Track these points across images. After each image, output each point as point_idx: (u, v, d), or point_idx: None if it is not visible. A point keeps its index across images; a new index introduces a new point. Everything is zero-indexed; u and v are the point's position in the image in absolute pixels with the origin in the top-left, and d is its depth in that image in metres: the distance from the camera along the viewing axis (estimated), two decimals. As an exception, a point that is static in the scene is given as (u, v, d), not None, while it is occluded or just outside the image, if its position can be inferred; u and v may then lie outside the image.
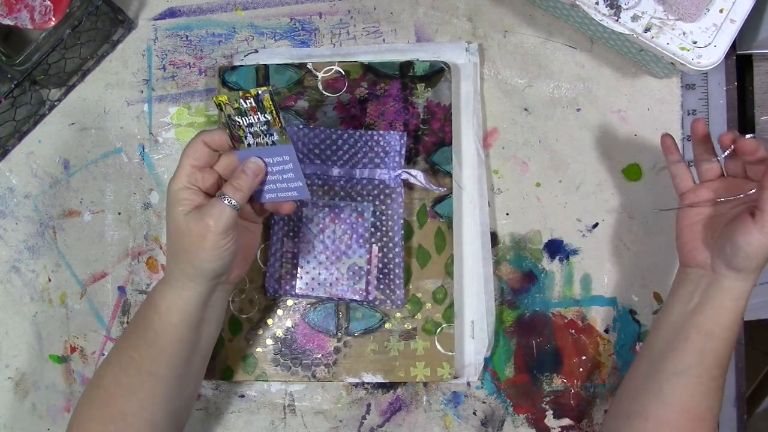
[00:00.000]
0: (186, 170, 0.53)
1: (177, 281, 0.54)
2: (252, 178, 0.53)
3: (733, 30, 0.59)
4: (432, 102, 0.68)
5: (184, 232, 0.52)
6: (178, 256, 0.53)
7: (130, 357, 0.55)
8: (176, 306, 0.54)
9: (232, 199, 0.52)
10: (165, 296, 0.54)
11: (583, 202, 0.70)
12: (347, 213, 0.66)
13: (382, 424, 0.69)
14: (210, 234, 0.51)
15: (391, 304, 0.66)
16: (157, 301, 0.55)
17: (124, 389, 0.55)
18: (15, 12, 0.62)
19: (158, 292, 0.55)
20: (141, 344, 0.55)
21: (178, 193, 0.53)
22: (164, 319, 0.54)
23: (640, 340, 0.69)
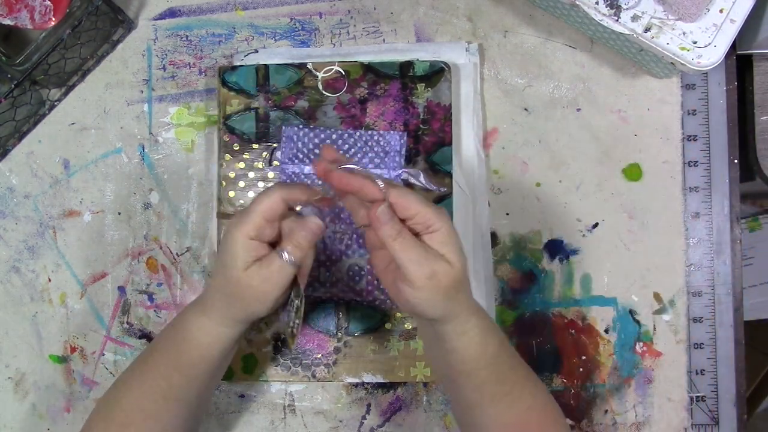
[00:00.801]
0: (257, 223, 0.50)
1: (223, 320, 0.53)
2: (312, 237, 0.52)
3: (733, 30, 0.59)
4: (432, 102, 0.68)
5: (244, 285, 0.51)
6: (232, 302, 0.52)
7: (158, 385, 0.54)
8: (218, 341, 0.54)
9: (292, 256, 0.50)
10: (207, 332, 0.54)
11: (583, 202, 0.70)
12: (347, 213, 0.65)
13: (382, 424, 0.69)
14: (270, 291, 0.51)
15: (391, 304, 0.66)
16: (196, 335, 0.54)
17: (148, 416, 0.54)
18: (15, 12, 0.62)
19: (197, 326, 0.54)
20: (173, 374, 0.54)
21: (244, 243, 0.50)
22: (204, 354, 0.54)
23: (640, 340, 0.69)
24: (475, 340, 0.52)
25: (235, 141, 0.68)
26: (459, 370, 0.53)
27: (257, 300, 0.51)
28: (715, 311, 0.69)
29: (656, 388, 0.69)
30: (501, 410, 0.54)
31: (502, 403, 0.54)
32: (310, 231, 0.52)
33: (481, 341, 0.52)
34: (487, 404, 0.54)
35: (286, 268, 0.51)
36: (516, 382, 0.54)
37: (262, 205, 0.51)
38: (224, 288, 0.52)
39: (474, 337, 0.52)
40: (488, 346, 0.53)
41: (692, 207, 0.69)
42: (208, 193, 0.70)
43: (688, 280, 0.69)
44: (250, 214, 0.50)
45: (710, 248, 0.69)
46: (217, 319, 0.53)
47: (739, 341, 0.69)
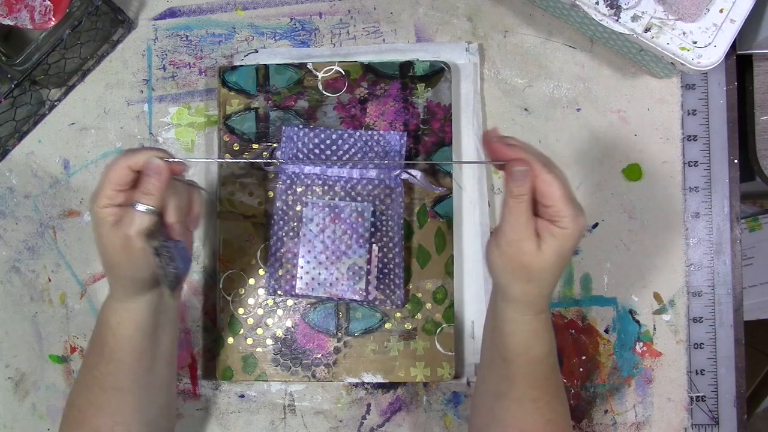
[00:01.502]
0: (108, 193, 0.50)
1: (120, 295, 0.54)
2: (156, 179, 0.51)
3: (733, 30, 0.59)
4: (432, 102, 0.68)
5: (108, 247, 0.51)
6: (112, 271, 0.53)
7: (92, 376, 0.55)
8: (126, 318, 0.54)
9: (145, 204, 0.50)
10: (114, 311, 0.54)
11: (583, 202, 0.69)
12: (347, 213, 0.66)
13: (382, 424, 0.69)
14: (132, 245, 0.50)
15: (391, 304, 0.66)
16: (107, 317, 0.55)
17: (94, 407, 0.55)
18: (15, 12, 0.62)
19: (107, 308, 0.55)
20: (100, 361, 0.55)
21: (98, 212, 0.51)
22: (117, 333, 0.54)
23: (640, 340, 0.69)
24: (526, 335, 0.53)
25: (235, 141, 0.68)
26: (501, 354, 0.54)
27: (126, 259, 0.51)
28: (715, 311, 0.69)
29: (656, 388, 0.69)
30: (523, 413, 0.54)
31: (526, 408, 0.54)
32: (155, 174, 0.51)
33: (531, 339, 0.53)
34: (512, 401, 0.54)
35: (141, 218, 0.50)
36: (546, 392, 0.54)
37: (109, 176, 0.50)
38: (104, 262, 0.53)
39: (526, 332, 0.52)
40: (535, 348, 0.53)
41: (692, 207, 0.69)
42: (208, 193, 0.70)
43: (688, 280, 0.69)
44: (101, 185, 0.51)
45: (710, 248, 0.69)
46: (116, 296, 0.54)
47: (739, 341, 0.69)
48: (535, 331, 0.53)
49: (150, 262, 0.52)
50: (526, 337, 0.52)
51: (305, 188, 0.67)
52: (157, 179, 0.51)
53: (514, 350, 0.53)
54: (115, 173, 0.50)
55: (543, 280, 0.51)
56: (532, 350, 0.53)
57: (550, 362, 0.55)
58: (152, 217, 0.50)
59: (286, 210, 0.66)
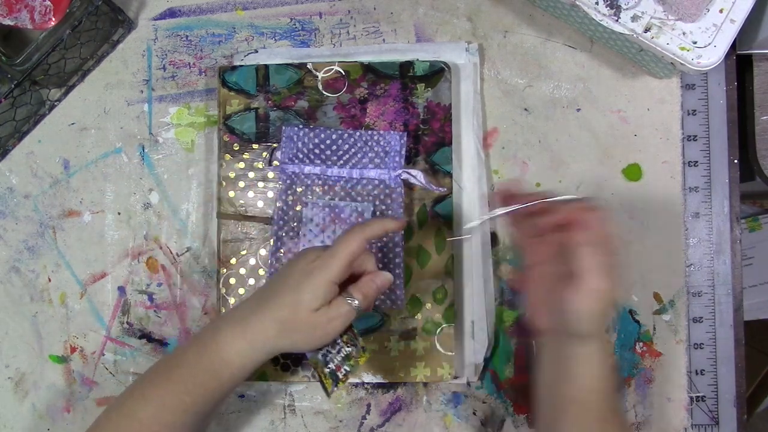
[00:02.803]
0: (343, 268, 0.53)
1: (266, 348, 0.54)
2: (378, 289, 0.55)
3: (733, 30, 0.59)
4: (432, 102, 0.68)
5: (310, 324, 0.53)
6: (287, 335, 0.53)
7: (181, 401, 0.54)
8: (251, 365, 0.55)
9: (358, 303, 0.53)
10: (244, 355, 0.54)
11: (583, 202, 0.69)
12: (347, 213, 0.65)
13: (382, 424, 0.69)
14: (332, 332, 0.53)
15: (391, 305, 0.66)
16: (231, 357, 0.54)
17: (164, 426, 0.54)
18: (15, 12, 0.62)
19: (234, 349, 0.54)
20: (199, 391, 0.54)
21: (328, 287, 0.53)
22: (235, 375, 0.55)
23: (640, 340, 0.69)
24: (598, 370, 0.53)
25: (235, 141, 0.68)
26: (572, 396, 0.53)
27: (316, 338, 0.54)
28: (715, 311, 0.69)
29: (656, 388, 0.69)
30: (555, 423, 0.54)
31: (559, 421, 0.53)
32: (380, 284, 0.55)
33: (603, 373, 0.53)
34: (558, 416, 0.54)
35: (351, 313, 0.53)
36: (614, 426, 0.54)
37: (348, 250, 0.53)
38: (288, 322, 0.53)
39: (598, 366, 0.53)
40: (606, 381, 0.53)
41: (692, 207, 0.69)
42: (208, 193, 0.70)
43: (688, 280, 0.69)
44: (336, 258, 0.53)
45: (710, 248, 0.69)
46: (259, 346, 0.54)
47: (739, 341, 0.69)
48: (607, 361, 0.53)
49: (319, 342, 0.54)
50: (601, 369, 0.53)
51: (305, 188, 0.67)
52: (380, 289, 0.55)
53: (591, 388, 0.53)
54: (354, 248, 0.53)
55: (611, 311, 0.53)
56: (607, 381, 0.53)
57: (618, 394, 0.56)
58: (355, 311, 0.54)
59: (286, 210, 0.66)
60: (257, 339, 0.54)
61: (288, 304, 0.53)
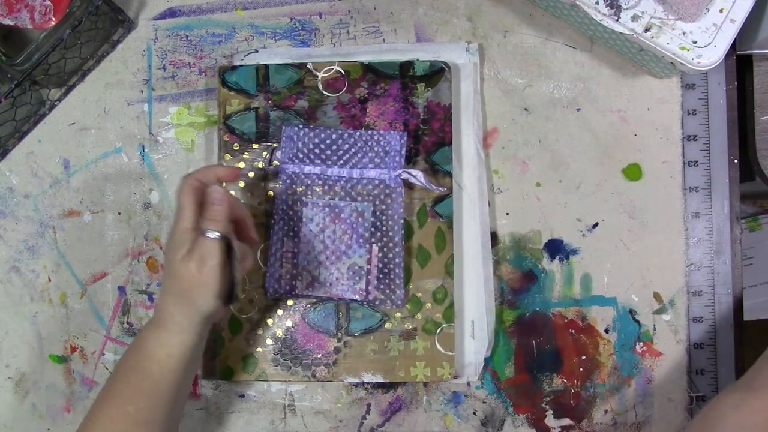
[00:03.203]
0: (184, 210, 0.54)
1: (176, 326, 0.54)
2: (220, 205, 0.54)
3: (733, 30, 0.59)
4: (432, 102, 0.68)
5: (185, 275, 0.53)
6: (181, 300, 0.54)
7: (125, 412, 0.54)
8: (177, 351, 0.54)
9: (213, 231, 0.53)
10: (163, 343, 0.54)
11: (583, 202, 0.70)
12: (347, 213, 0.65)
13: (382, 424, 0.69)
14: (208, 272, 0.52)
15: (391, 305, 0.66)
16: (153, 350, 0.54)
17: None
18: (15, 12, 0.62)
19: (155, 341, 0.55)
20: (137, 396, 0.54)
21: (184, 234, 0.53)
22: (164, 367, 0.54)
23: (640, 340, 0.69)
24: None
25: (235, 141, 0.68)
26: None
27: (207, 285, 0.53)
28: (715, 311, 0.69)
29: (656, 388, 0.69)
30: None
31: None
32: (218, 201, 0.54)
33: None
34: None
35: (213, 245, 0.53)
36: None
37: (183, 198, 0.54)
38: (173, 287, 0.54)
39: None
40: None
41: (692, 207, 0.69)
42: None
43: (688, 280, 0.69)
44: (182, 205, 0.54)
45: (710, 248, 0.69)
46: (173, 328, 0.54)
47: (739, 341, 0.69)
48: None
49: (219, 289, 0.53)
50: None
51: (305, 188, 0.67)
52: (221, 205, 0.54)
53: None
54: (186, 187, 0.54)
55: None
56: None
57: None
58: (223, 242, 0.53)
59: (286, 210, 0.66)
60: (164, 320, 0.54)
61: (167, 275, 0.54)
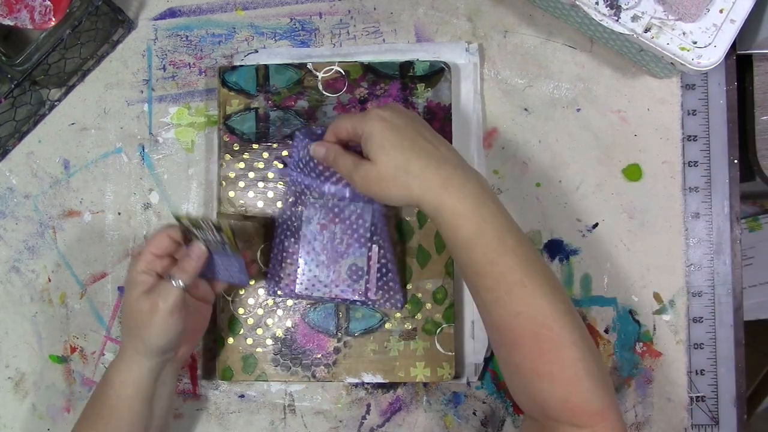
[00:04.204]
0: (147, 257, 0.57)
1: (129, 357, 0.58)
2: (196, 262, 0.58)
3: (733, 30, 0.59)
4: (432, 102, 0.68)
5: (136, 311, 0.56)
6: (131, 332, 0.57)
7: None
8: (129, 379, 0.57)
9: (179, 279, 0.56)
10: (119, 371, 0.58)
11: (583, 202, 0.70)
12: (347, 213, 0.65)
13: (382, 424, 0.69)
14: (158, 312, 0.55)
15: (391, 306, 0.66)
16: (111, 377, 0.58)
17: None
18: (15, 12, 0.62)
19: (113, 368, 0.59)
20: (98, 421, 0.58)
21: (136, 276, 0.57)
22: (119, 393, 0.57)
23: (640, 340, 0.69)
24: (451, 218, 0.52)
25: (235, 141, 0.68)
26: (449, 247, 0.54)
27: (150, 325, 0.56)
28: (715, 311, 0.69)
29: (656, 388, 0.69)
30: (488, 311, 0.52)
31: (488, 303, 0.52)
32: (194, 255, 0.58)
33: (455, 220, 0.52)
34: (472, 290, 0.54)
35: (173, 291, 0.56)
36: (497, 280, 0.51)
37: (151, 241, 0.58)
38: (126, 322, 0.58)
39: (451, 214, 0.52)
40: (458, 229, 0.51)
41: (692, 207, 0.69)
42: (208, 193, 0.70)
43: (688, 280, 0.69)
44: (143, 251, 0.58)
45: (710, 248, 0.69)
46: (125, 357, 0.58)
47: (739, 341, 0.69)
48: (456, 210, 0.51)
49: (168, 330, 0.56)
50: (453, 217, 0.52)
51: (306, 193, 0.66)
52: (196, 261, 0.58)
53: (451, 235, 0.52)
54: (158, 241, 0.58)
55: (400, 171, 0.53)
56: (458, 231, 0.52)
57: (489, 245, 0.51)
58: (183, 292, 0.57)
59: (285, 210, 0.66)
60: (122, 349, 0.59)
61: (123, 310, 0.58)
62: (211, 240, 0.58)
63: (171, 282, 0.56)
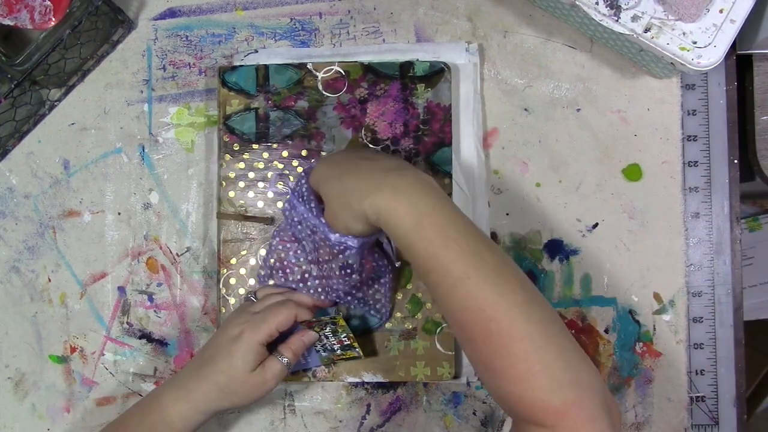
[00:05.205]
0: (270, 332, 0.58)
1: (206, 408, 0.58)
2: (305, 345, 0.61)
3: (733, 30, 0.59)
4: (432, 102, 0.68)
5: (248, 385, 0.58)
6: (226, 397, 0.58)
7: None
8: (193, 426, 0.59)
9: (286, 358, 0.59)
10: (186, 417, 0.58)
11: (583, 202, 0.70)
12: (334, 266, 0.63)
13: (382, 424, 0.69)
14: (264, 388, 0.58)
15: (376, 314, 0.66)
16: (174, 420, 0.58)
17: None
18: (15, 12, 0.62)
19: (177, 413, 0.58)
20: None
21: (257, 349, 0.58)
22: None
23: (640, 340, 0.69)
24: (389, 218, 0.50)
25: (235, 141, 0.68)
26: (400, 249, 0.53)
27: (253, 398, 0.59)
28: (715, 311, 0.69)
29: (656, 388, 0.69)
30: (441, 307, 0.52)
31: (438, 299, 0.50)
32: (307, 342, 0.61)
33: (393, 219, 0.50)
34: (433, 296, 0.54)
35: (284, 371, 0.59)
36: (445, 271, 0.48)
37: (279, 320, 0.58)
38: (226, 387, 0.58)
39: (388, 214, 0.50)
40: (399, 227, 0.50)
41: (692, 207, 0.69)
42: (208, 193, 0.70)
43: (688, 280, 0.69)
44: (266, 324, 0.58)
45: (710, 248, 0.69)
46: (201, 409, 0.58)
47: (739, 341, 0.69)
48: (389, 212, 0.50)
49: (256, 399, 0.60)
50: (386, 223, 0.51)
51: None
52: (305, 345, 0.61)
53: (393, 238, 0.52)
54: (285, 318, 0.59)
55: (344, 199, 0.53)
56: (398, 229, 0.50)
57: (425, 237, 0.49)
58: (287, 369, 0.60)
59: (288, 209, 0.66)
60: (199, 402, 0.58)
61: (223, 370, 0.58)
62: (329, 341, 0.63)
63: (278, 359, 0.59)
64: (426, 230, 0.49)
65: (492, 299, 0.47)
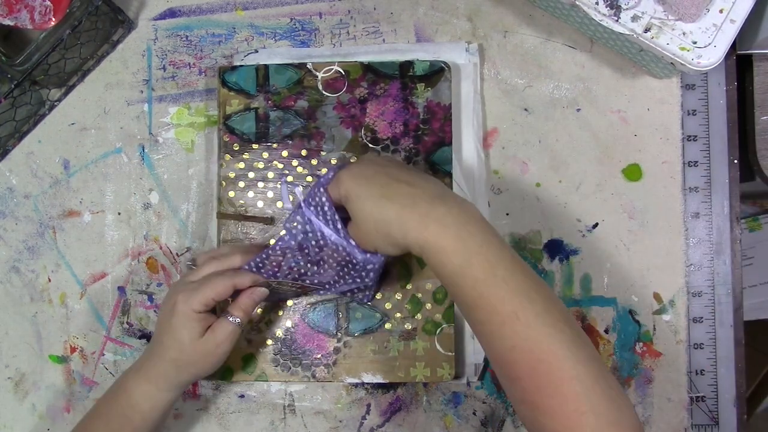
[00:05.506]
0: (207, 302, 0.57)
1: (170, 386, 0.59)
2: (255, 302, 0.59)
3: (733, 30, 0.59)
4: (432, 102, 0.68)
5: (200, 353, 0.57)
6: (184, 370, 0.58)
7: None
8: (161, 405, 0.59)
9: (237, 318, 0.58)
10: (151, 397, 0.58)
11: (583, 202, 0.70)
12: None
13: (382, 424, 0.69)
14: (223, 352, 0.58)
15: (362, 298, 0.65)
16: (139, 402, 0.58)
17: None
18: (15, 12, 0.62)
19: (141, 394, 0.58)
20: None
21: (191, 315, 0.56)
22: (147, 418, 0.58)
23: (640, 340, 0.69)
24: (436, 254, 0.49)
25: (235, 141, 0.68)
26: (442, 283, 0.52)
27: (212, 363, 0.58)
28: (715, 311, 0.69)
29: (656, 388, 0.69)
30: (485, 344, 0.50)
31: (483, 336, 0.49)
32: (257, 299, 0.59)
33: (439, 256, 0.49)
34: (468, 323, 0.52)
35: (235, 330, 0.58)
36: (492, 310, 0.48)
37: (216, 290, 0.57)
38: (179, 359, 0.57)
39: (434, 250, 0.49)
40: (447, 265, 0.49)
41: (692, 207, 0.69)
42: (208, 193, 0.70)
43: (688, 280, 0.69)
44: (200, 293, 0.56)
45: (710, 248, 0.69)
46: (163, 386, 0.58)
47: (739, 341, 0.69)
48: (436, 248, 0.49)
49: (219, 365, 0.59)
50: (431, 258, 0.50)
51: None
52: (255, 302, 0.59)
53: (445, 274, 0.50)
54: (222, 288, 0.57)
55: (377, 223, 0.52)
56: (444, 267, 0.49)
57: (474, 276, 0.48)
58: (240, 330, 0.58)
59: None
60: (159, 380, 0.58)
61: (171, 345, 0.57)
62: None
63: (229, 320, 0.57)
64: (475, 269, 0.48)
65: (541, 339, 0.47)
